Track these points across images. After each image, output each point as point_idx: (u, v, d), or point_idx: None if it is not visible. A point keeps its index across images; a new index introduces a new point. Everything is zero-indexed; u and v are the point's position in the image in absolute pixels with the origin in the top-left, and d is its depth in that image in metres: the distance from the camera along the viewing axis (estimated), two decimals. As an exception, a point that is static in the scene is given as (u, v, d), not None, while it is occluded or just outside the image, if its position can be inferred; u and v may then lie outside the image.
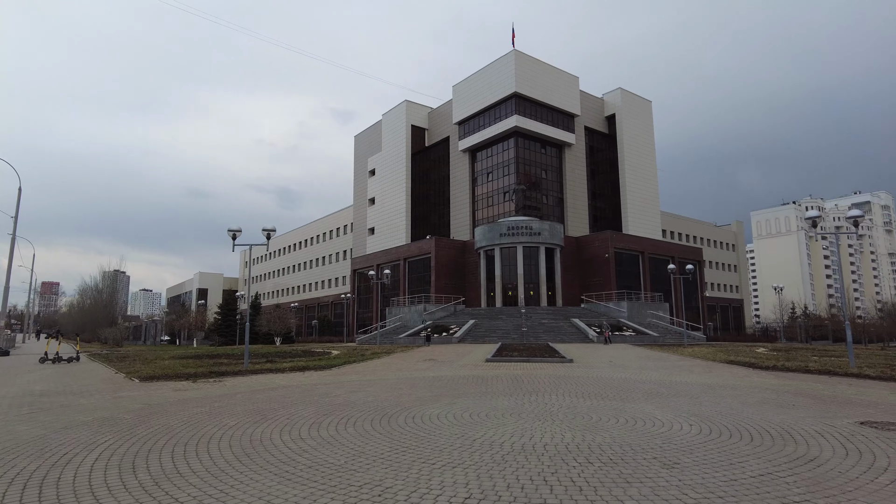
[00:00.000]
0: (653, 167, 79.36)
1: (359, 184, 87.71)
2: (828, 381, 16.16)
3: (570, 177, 70.62)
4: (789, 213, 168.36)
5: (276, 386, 15.83)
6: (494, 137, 67.67)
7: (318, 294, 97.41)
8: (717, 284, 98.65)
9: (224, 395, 13.79)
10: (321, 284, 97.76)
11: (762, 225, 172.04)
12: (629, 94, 78.64)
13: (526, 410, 10.75)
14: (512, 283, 57.17)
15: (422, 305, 54.95)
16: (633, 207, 74.38)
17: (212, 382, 16.98)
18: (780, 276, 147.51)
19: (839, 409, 11.26)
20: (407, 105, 78.88)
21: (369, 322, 67.81)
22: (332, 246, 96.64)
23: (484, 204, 69.28)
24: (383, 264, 67.73)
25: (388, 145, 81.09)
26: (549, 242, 57.47)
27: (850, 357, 19.08)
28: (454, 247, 63.23)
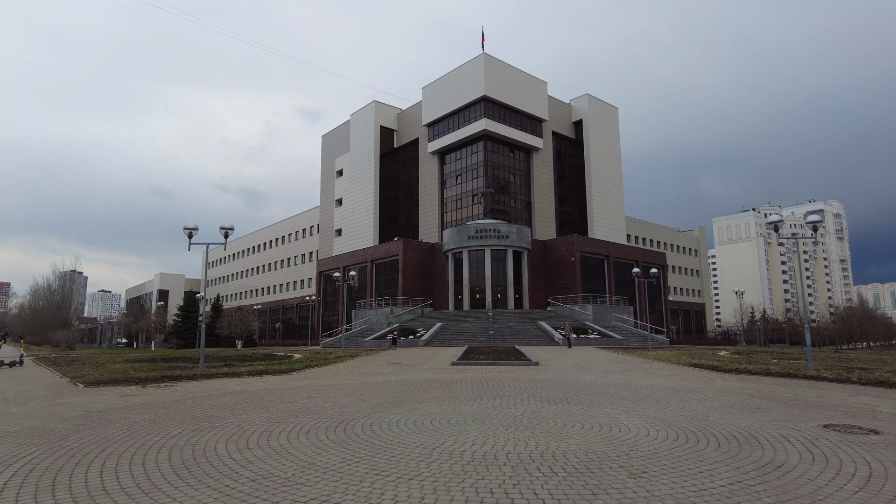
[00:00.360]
0: (618, 173, 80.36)
1: (326, 184, 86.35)
2: (789, 384, 16.27)
3: (538, 181, 70.89)
4: (749, 219, 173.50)
5: (230, 391, 15.07)
6: (463, 140, 67.44)
7: (283, 296, 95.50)
8: (679, 289, 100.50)
9: (173, 401, 13.00)
10: (286, 286, 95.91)
11: (723, 231, 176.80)
12: (596, 100, 79.51)
13: (489, 416, 10.35)
14: (480, 285, 56.90)
15: (389, 308, 54.20)
16: (598, 212, 75.15)
17: (162, 387, 16.09)
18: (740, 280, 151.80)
19: (802, 411, 11.21)
20: (376, 106, 78.06)
21: (335, 325, 66.65)
22: (298, 247, 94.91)
23: (453, 206, 68.95)
24: (350, 266, 66.68)
25: (356, 146, 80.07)
26: (516, 245, 57.43)
27: (809, 360, 19.34)
28: (422, 249, 62.67)
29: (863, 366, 22.94)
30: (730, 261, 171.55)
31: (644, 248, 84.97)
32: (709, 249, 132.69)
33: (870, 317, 59.61)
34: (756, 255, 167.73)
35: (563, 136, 76.89)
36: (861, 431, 9.05)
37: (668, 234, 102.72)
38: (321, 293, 73.91)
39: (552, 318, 52.14)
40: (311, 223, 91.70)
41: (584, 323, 49.99)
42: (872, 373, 19.18)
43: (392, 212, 77.51)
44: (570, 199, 76.78)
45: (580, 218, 76.06)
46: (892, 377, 17.45)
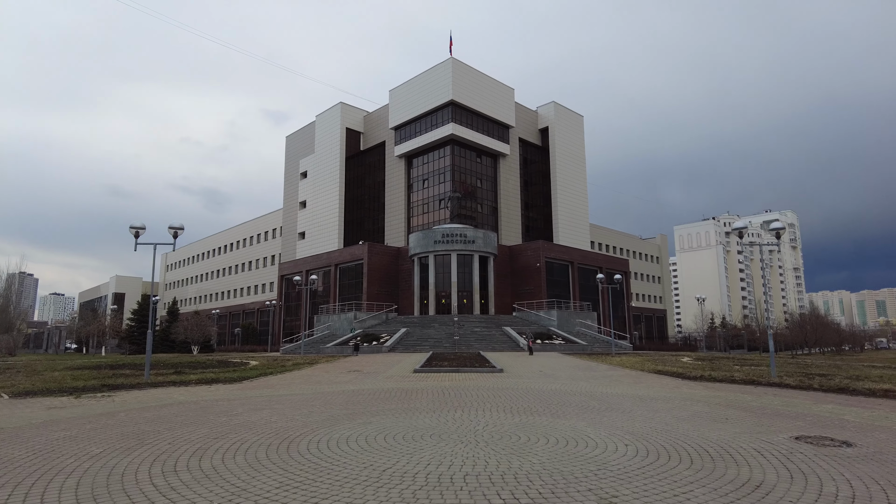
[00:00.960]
0: (583, 180, 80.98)
1: (289, 186, 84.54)
2: (754, 392, 16.05)
3: (505, 187, 70.80)
4: (709, 228, 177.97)
5: (172, 402, 13.93)
6: (431, 144, 66.88)
7: (243, 301, 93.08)
8: (642, 295, 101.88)
9: (104, 415, 11.83)
10: (247, 290, 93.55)
11: (684, 239, 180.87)
12: (562, 108, 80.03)
13: (449, 430, 9.62)
14: (445, 290, 56.26)
15: (352, 313, 53.05)
16: (563, 218, 75.53)
17: (98, 398, 14.81)
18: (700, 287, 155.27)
19: (771, 422, 10.84)
20: (342, 107, 76.84)
21: (297, 330, 65.01)
22: (259, 250, 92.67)
23: (419, 211, 68.25)
24: (313, 270, 65.18)
25: (321, 147, 78.64)
26: (482, 250, 57.01)
27: (772, 367, 19.27)
28: (388, 253, 61.68)
29: (821, 371, 23.14)
30: (690, 268, 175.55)
31: (608, 254, 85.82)
32: (670, 257, 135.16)
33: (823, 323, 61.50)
34: (715, 263, 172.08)
35: (530, 143, 77.12)
36: (833, 444, 8.67)
37: (631, 242, 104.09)
38: (283, 298, 72.18)
39: (518, 324, 51.91)
40: (274, 226, 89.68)
41: (548, 328, 49.83)
42: (832, 379, 19.25)
43: (357, 215, 76.31)
44: (536, 205, 76.93)
45: (546, 224, 76.29)
46: (852, 384, 17.49)
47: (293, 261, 73.55)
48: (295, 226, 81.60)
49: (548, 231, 75.30)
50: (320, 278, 66.56)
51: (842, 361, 38.04)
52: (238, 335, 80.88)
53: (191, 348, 57.29)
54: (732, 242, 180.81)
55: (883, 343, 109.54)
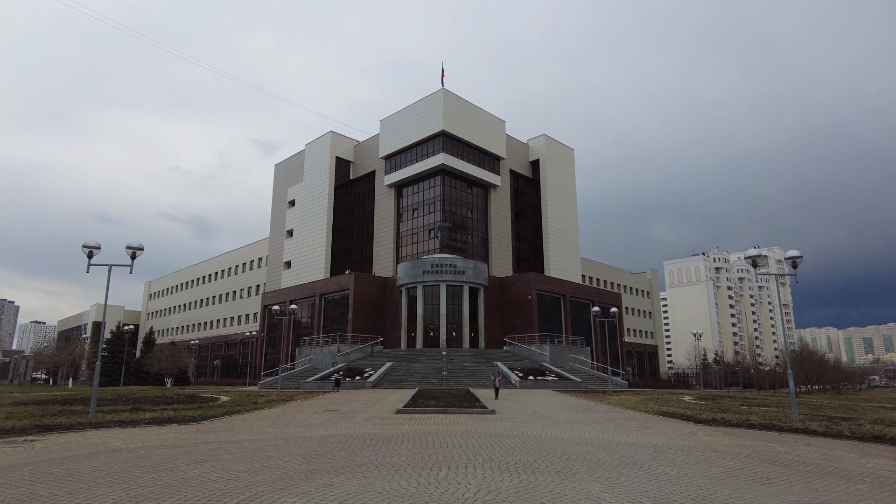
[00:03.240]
0: (574, 213, 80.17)
1: (277, 214, 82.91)
2: (780, 440, 14.04)
3: (495, 218, 69.66)
4: (699, 263, 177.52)
5: (104, 450, 11.65)
6: (421, 174, 65.87)
7: (226, 331, 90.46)
8: (634, 330, 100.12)
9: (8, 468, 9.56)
10: (230, 321, 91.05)
11: (674, 274, 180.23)
12: (553, 140, 79.70)
13: (431, 498, 7.48)
14: (434, 323, 54.34)
15: (336, 346, 50.96)
16: (555, 251, 74.29)
17: (20, 443, 12.48)
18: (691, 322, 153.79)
19: (824, 483, 8.83)
20: (332, 136, 75.96)
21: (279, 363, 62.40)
22: (244, 279, 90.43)
23: (408, 241, 66.75)
24: (297, 300, 63.17)
25: (310, 176, 77.46)
26: (473, 282, 55.39)
27: (794, 410, 17.31)
28: (375, 283, 59.84)
29: (840, 415, 21.23)
30: (681, 303, 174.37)
31: (600, 288, 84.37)
32: (661, 292, 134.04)
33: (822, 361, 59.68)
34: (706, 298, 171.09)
35: (521, 175, 76.43)
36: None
37: (622, 276, 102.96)
38: (265, 328, 69.89)
39: (509, 359, 50.05)
40: (260, 255, 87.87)
41: (541, 364, 48.01)
42: (860, 424, 17.32)
43: (345, 245, 74.72)
44: (526, 236, 75.76)
45: (536, 256, 74.92)
46: (887, 431, 15.55)
47: (277, 290, 71.41)
48: (281, 255, 79.69)
49: (539, 263, 73.93)
50: (305, 309, 64.28)
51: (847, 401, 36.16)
52: (217, 367, 77.75)
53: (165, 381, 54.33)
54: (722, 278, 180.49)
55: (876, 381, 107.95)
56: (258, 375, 64.37)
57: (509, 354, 52.59)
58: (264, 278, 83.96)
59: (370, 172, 73.72)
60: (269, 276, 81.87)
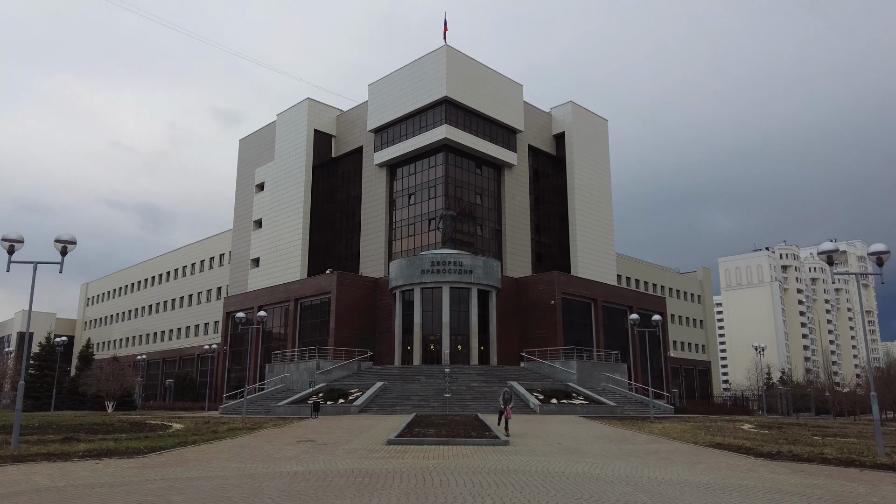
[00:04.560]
0: (608, 198, 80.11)
1: (242, 201, 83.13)
2: (861, 478, 13.95)
3: (511, 204, 69.64)
4: (761, 260, 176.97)
5: (27, 489, 11.69)
6: (419, 151, 65.96)
7: (180, 344, 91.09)
8: (681, 343, 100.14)
9: None
10: (186, 332, 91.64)
11: (731, 274, 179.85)
12: (582, 109, 79.55)
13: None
14: (435, 334, 54.50)
15: (315, 362, 51.40)
16: (584, 245, 74.16)
17: (-76, 482, 12.49)
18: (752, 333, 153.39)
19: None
20: (310, 105, 76.00)
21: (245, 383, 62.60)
22: (203, 281, 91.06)
23: (404, 233, 66.94)
24: (267, 306, 63.60)
25: (282, 154, 77.59)
26: (482, 283, 55.44)
27: (879, 441, 17.24)
28: (363, 285, 60.02)
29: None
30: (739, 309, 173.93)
31: (640, 291, 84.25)
32: (714, 296, 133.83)
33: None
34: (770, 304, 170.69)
35: (542, 152, 76.35)
36: None
37: (667, 276, 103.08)
38: (228, 341, 70.47)
39: (527, 377, 50.23)
40: (222, 250, 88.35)
41: (566, 384, 48.26)
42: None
43: (326, 238, 74.98)
44: (549, 227, 75.67)
45: (561, 251, 74.97)
46: None
47: (243, 294, 71.68)
48: (247, 250, 79.93)
49: (564, 260, 73.91)
50: (277, 317, 64.56)
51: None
52: (169, 388, 78.12)
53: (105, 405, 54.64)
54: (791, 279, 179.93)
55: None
56: (219, 398, 64.74)
57: (527, 372, 52.66)
58: (227, 279, 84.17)
59: (356, 149, 73.81)
60: (232, 276, 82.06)
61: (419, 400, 42.27)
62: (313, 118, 76.01)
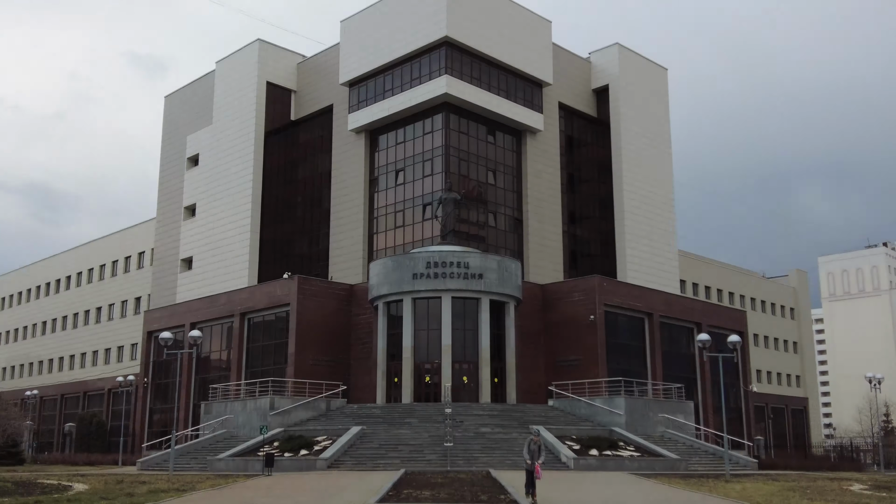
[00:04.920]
0: (667, 176, 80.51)
1: (169, 181, 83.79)
2: None
3: (535, 184, 69.75)
4: (878, 260, 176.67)
5: None
6: (410, 111, 66.27)
7: (85, 375, 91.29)
8: (766, 372, 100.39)
9: None
10: (92, 359, 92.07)
11: (836, 279, 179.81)
12: (632, 54, 79.75)
13: None
14: (432, 361, 54.65)
15: (268, 399, 51.54)
16: (635, 240, 74.26)
17: None
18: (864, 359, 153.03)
19: None
20: (261, 48, 76.26)
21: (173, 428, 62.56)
22: (115, 289, 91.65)
23: (388, 223, 67.36)
24: (204, 323, 63.97)
25: (224, 115, 77.90)
26: (496, 292, 55.43)
27: None
28: (333, 295, 60.30)
29: None
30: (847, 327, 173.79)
31: (710, 301, 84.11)
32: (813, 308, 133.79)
33: None
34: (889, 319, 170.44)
35: (578, 112, 76.47)
36: None
37: (747, 282, 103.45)
38: (150, 370, 70.57)
39: (557, 420, 50.18)
40: (141, 248, 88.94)
41: (611, 429, 48.40)
42: None
43: (284, 231, 75.23)
44: (587, 215, 75.78)
45: (604, 249, 75.23)
46: None
47: (169, 307, 71.74)
48: (176, 247, 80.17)
49: (608, 260, 74.05)
50: (217, 338, 65.00)
51: None
52: (71, 435, 78.21)
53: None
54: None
55: None
56: (138, 448, 64.80)
57: (558, 413, 52.72)
58: (148, 287, 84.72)
59: (324, 109, 74.12)
60: (156, 283, 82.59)
61: (410, 451, 42.17)
62: (266, 67, 76.05)
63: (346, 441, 42.73)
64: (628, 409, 51.07)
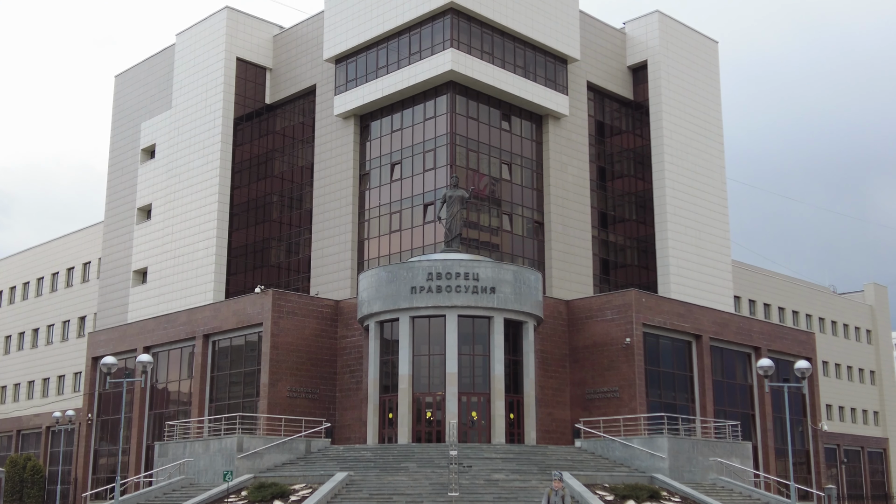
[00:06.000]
0: (719, 171, 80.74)
1: (119, 176, 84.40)
2: None
3: (559, 179, 69.86)
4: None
5: None
6: (409, 93, 66.74)
7: (17, 410, 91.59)
8: (838, 408, 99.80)
9: None
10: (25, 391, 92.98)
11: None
12: (676, 24, 79.86)
13: None
14: (434, 392, 54.60)
15: (235, 439, 50.84)
16: (679, 247, 74.04)
17: None
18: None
19: None
20: (229, 17, 76.68)
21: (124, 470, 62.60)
22: (54, 306, 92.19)
23: (383, 227, 67.87)
24: (159, 347, 64.22)
25: (185, 98, 78.32)
26: (512, 309, 55.10)
27: None
28: (315, 312, 60.11)
29: None
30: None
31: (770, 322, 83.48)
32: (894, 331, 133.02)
33: None
34: None
35: (611, 94, 77.09)
36: None
37: (813, 299, 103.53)
38: (95, 405, 70.33)
39: (585, 464, 49.71)
40: (86, 257, 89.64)
41: (651, 476, 47.82)
42: None
43: (258, 236, 75.91)
44: (622, 218, 76.08)
45: (642, 258, 75.62)
46: None
47: (119, 328, 71.50)
48: (128, 256, 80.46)
49: (647, 271, 74.54)
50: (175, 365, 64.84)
51: None
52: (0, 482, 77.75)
53: None
54: None
55: None
56: (79, 498, 64.37)
57: (587, 456, 52.22)
58: (94, 304, 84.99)
59: (306, 90, 74.90)
60: (103, 299, 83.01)
61: (407, 502, 41.77)
62: (235, 40, 76.37)
63: (328, 490, 41.93)
64: (672, 452, 50.33)
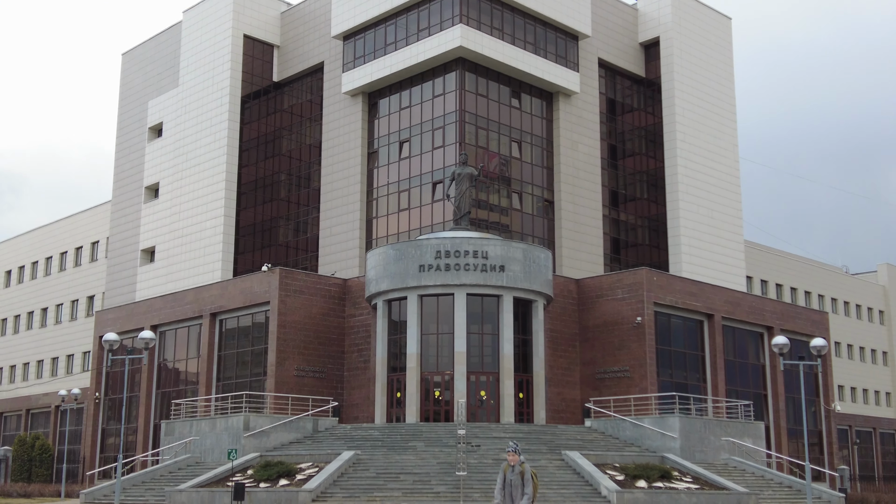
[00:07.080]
0: (732, 150, 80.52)
1: (127, 155, 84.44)
2: None
3: (570, 158, 69.75)
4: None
5: None
6: (418, 70, 66.77)
7: (22, 390, 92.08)
8: (850, 388, 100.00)
9: None
10: (32, 370, 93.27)
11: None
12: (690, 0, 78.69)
13: None
14: (443, 371, 54.54)
15: (242, 417, 50.79)
16: (691, 225, 73.91)
17: None
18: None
19: None
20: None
21: (131, 449, 63.58)
22: (61, 286, 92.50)
23: (390, 205, 68.10)
24: (167, 326, 64.47)
25: (192, 76, 78.38)
26: (522, 288, 54.90)
27: None
28: (323, 291, 59.99)
29: None
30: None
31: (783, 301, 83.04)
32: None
33: None
34: None
35: (622, 71, 77.00)
36: None
37: (827, 279, 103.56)
38: (102, 384, 70.49)
39: (596, 444, 49.78)
40: (94, 236, 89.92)
41: (662, 456, 47.61)
42: None
43: (265, 214, 76.02)
44: (633, 196, 76.06)
45: (653, 237, 75.76)
46: None
47: (126, 307, 71.56)
48: (136, 236, 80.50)
49: (658, 250, 74.54)
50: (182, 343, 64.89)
51: None
52: (6, 461, 78.17)
53: None
54: None
55: None
56: (85, 476, 64.70)
57: (597, 436, 52.21)
58: (102, 283, 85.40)
59: (314, 67, 74.85)
60: (112, 278, 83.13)
61: (414, 481, 41.72)
62: (243, 16, 76.31)
63: (335, 469, 41.87)
64: (684, 432, 50.21)
